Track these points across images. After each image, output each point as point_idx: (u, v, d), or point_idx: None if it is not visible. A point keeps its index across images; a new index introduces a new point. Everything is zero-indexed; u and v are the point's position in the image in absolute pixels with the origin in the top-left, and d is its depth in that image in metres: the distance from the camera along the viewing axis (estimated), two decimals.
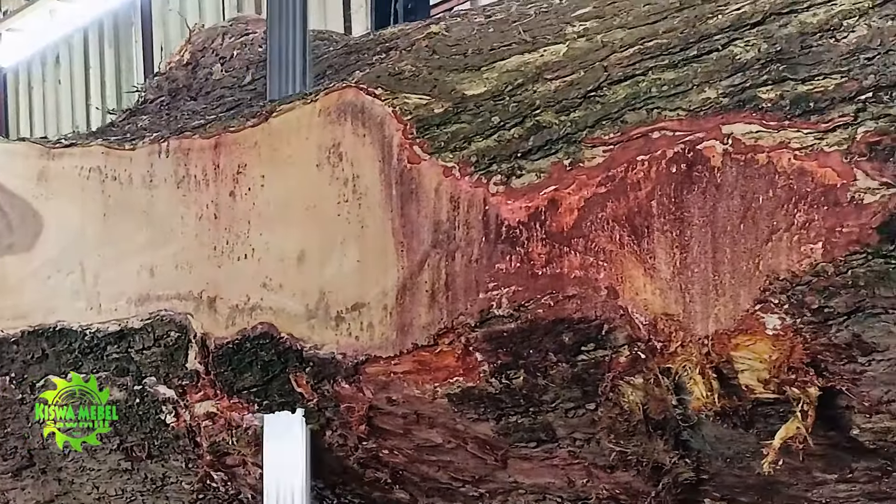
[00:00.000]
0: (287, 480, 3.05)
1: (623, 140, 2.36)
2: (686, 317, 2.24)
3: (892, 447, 2.10)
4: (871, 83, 2.03)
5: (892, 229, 1.96)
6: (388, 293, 2.76)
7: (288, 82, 3.33)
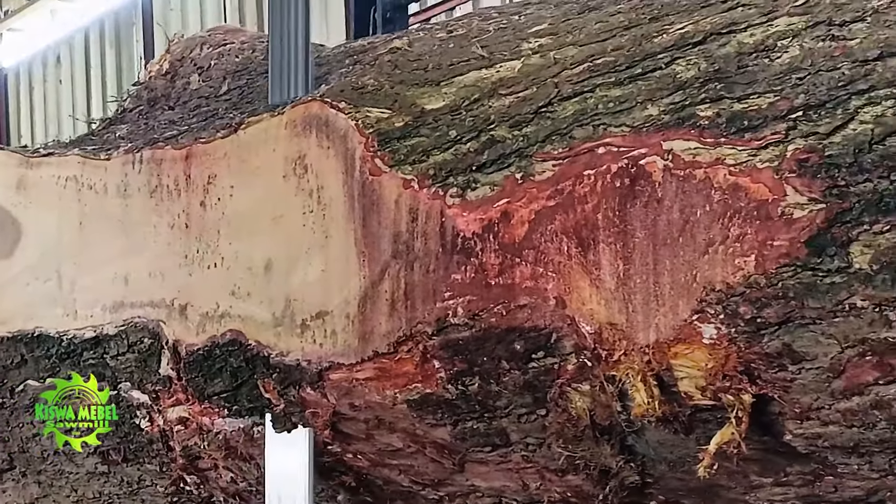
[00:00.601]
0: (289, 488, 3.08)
1: (571, 155, 2.44)
2: (629, 326, 2.32)
3: (823, 452, 2.18)
4: (802, 102, 2.11)
5: (819, 243, 2.04)
6: (350, 302, 2.84)
7: (290, 85, 3.31)
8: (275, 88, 3.29)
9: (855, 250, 2.01)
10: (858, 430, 2.10)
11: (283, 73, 3.27)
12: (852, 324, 2.03)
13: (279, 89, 3.29)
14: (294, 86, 3.26)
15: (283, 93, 3.27)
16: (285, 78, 3.27)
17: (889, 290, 1.97)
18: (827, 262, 2.03)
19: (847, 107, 2.05)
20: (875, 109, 2.02)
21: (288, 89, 3.26)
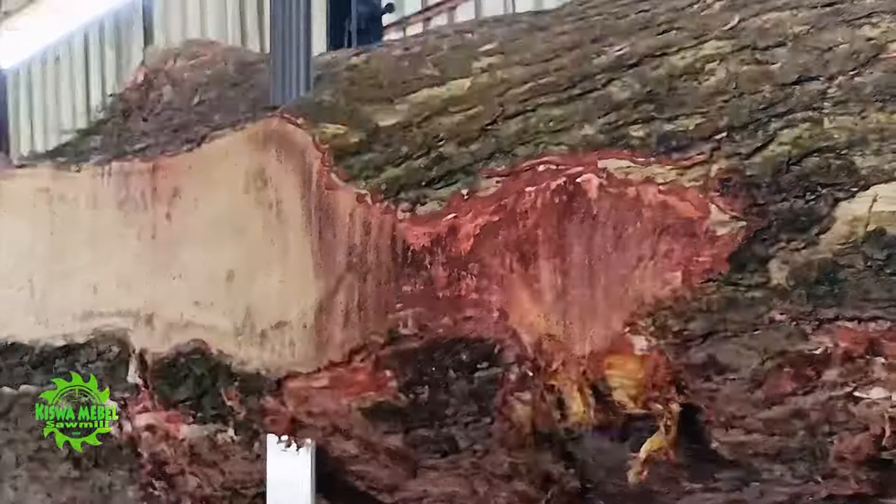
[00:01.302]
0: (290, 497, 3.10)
1: (513, 172, 2.53)
2: (566, 338, 2.41)
3: (748, 459, 2.27)
4: (726, 124, 2.20)
5: (740, 259, 2.13)
6: (307, 312, 2.93)
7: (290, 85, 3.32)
8: (276, 88, 3.31)
9: (773, 266, 2.10)
10: (779, 438, 2.19)
11: (284, 74, 3.29)
12: (771, 337, 2.11)
13: (280, 89, 3.30)
14: (295, 86, 3.27)
15: (284, 93, 3.29)
16: (287, 78, 3.29)
17: (804, 305, 2.06)
18: (747, 277, 2.12)
19: (767, 129, 2.14)
20: (793, 132, 2.11)
21: (289, 89, 3.27)
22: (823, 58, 2.14)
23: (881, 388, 2.04)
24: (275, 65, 3.34)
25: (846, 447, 2.08)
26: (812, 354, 2.08)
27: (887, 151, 1.99)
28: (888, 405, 2.03)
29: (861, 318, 2.01)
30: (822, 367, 2.08)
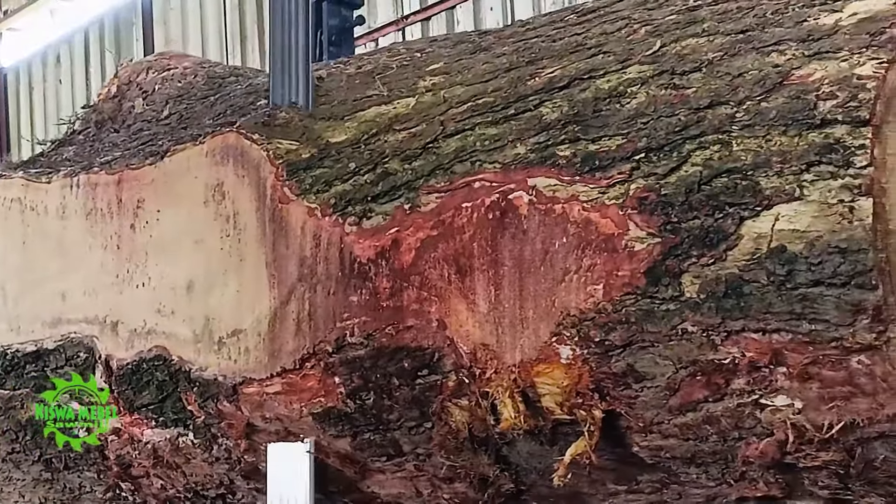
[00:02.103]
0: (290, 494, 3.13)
1: (451, 188, 2.65)
2: (498, 347, 2.53)
3: (667, 462, 2.39)
4: (644, 145, 2.32)
5: (656, 274, 2.25)
6: (261, 321, 3.05)
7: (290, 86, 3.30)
8: (276, 89, 3.31)
9: (686, 280, 2.22)
10: (694, 442, 2.31)
11: (284, 75, 3.29)
12: (684, 347, 2.24)
13: (280, 90, 3.30)
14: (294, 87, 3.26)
15: (283, 94, 3.28)
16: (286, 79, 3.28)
17: (714, 317, 2.18)
18: (662, 290, 2.24)
19: (681, 150, 2.26)
20: (705, 153, 2.23)
21: (288, 90, 3.27)
22: (734, 83, 2.26)
23: (784, 395, 2.16)
24: (274, 67, 3.35)
25: (752, 451, 2.20)
26: (721, 363, 2.20)
27: (788, 173, 2.11)
28: (791, 412, 2.16)
29: (765, 329, 2.14)
30: (731, 375, 2.20)
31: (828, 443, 2.12)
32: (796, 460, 2.18)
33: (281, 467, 3.12)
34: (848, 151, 2.05)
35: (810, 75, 2.16)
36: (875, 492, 2.16)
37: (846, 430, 2.10)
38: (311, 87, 3.22)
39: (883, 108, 2.05)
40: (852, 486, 2.17)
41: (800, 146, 2.11)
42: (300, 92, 3.22)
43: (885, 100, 2.05)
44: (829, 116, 2.09)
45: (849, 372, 2.07)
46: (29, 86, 19.08)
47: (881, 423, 2.07)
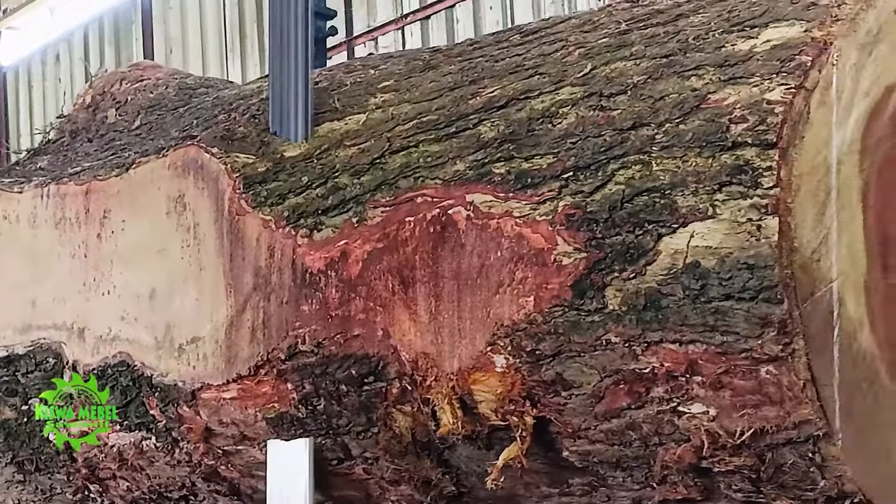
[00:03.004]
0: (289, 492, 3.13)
1: (395, 203, 2.76)
2: (438, 356, 2.64)
3: (595, 466, 2.50)
4: (572, 164, 2.44)
5: (582, 287, 2.37)
6: (218, 329, 3.16)
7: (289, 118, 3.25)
8: (275, 117, 3.28)
9: (609, 293, 2.33)
10: (618, 447, 2.42)
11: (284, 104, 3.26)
12: (608, 357, 2.35)
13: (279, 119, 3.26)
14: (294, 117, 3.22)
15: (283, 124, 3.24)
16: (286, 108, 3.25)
17: (635, 329, 2.30)
18: (587, 303, 2.36)
19: (606, 169, 2.38)
20: (627, 172, 2.35)
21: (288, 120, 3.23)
22: (655, 106, 2.37)
23: (700, 403, 2.27)
24: (273, 95, 3.31)
25: (670, 456, 2.32)
26: (642, 373, 2.32)
27: (702, 193, 2.22)
28: (706, 419, 2.27)
29: (681, 340, 2.25)
30: (651, 384, 2.32)
31: (740, 448, 2.24)
32: (712, 465, 2.30)
33: (280, 463, 3.15)
34: (756, 172, 2.17)
35: (725, 99, 2.27)
36: (785, 495, 2.27)
37: (756, 436, 2.22)
38: (310, 116, 3.19)
39: (790, 131, 2.17)
40: (764, 489, 2.28)
41: (713, 167, 2.23)
42: (300, 122, 3.20)
43: (791, 124, 2.17)
44: (740, 139, 2.20)
45: (758, 381, 2.19)
46: (28, 84, 19.16)
47: (788, 429, 2.19)
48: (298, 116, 3.20)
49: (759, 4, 2.43)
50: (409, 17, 13.15)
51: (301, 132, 3.17)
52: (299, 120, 3.19)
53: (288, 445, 3.09)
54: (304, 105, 3.19)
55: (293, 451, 3.08)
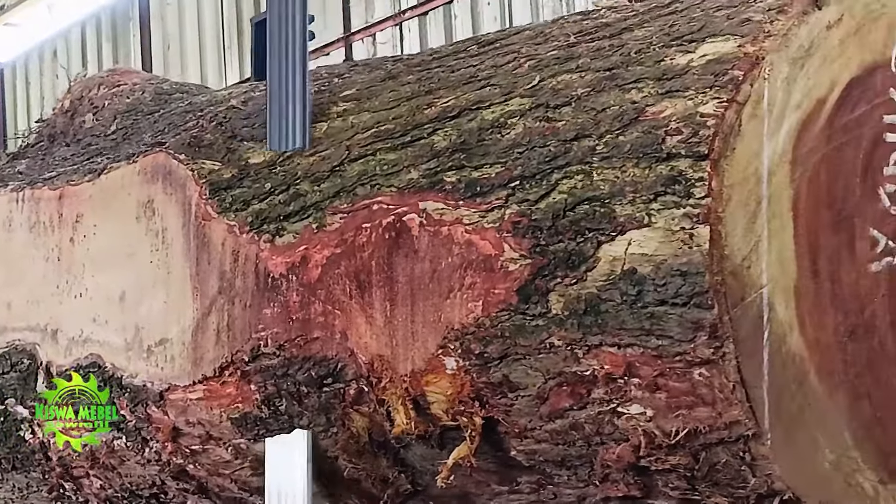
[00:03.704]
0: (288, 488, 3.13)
1: (353, 210, 2.85)
2: (392, 358, 2.73)
3: (542, 465, 2.59)
4: (519, 173, 2.52)
5: (527, 292, 2.45)
6: (185, 331, 3.24)
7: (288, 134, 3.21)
8: (273, 135, 3.23)
9: (552, 299, 2.42)
10: (563, 447, 2.51)
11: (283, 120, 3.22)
12: (552, 359, 2.44)
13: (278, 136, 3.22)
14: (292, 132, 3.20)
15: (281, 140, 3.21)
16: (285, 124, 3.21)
17: (576, 332, 2.38)
18: (532, 308, 2.44)
19: (550, 179, 2.46)
20: (570, 182, 2.43)
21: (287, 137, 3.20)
22: (597, 118, 2.45)
23: (637, 404, 2.36)
24: (272, 111, 3.25)
25: (610, 456, 2.40)
26: (583, 375, 2.41)
27: (639, 202, 2.31)
28: (643, 419, 2.36)
29: (620, 344, 2.34)
30: (591, 386, 2.40)
31: (675, 448, 2.33)
32: (649, 464, 2.38)
33: (279, 459, 3.18)
34: (689, 183, 2.25)
35: (662, 112, 2.36)
36: (719, 493, 2.36)
37: (691, 436, 2.30)
38: (308, 129, 3.17)
39: (721, 143, 2.25)
40: (699, 487, 2.37)
41: (649, 177, 2.31)
42: (297, 128, 3.18)
43: (723, 136, 2.25)
44: (675, 151, 2.29)
45: (692, 383, 2.27)
46: (26, 80, 19.21)
47: (720, 429, 2.27)
48: (297, 123, 3.20)
49: (698, 19, 2.51)
50: (406, 13, 13.22)
51: (300, 139, 3.17)
52: (297, 126, 3.19)
53: (286, 439, 3.09)
54: (302, 111, 3.20)
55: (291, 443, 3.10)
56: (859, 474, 2.36)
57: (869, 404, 2.40)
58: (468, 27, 12.81)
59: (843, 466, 2.35)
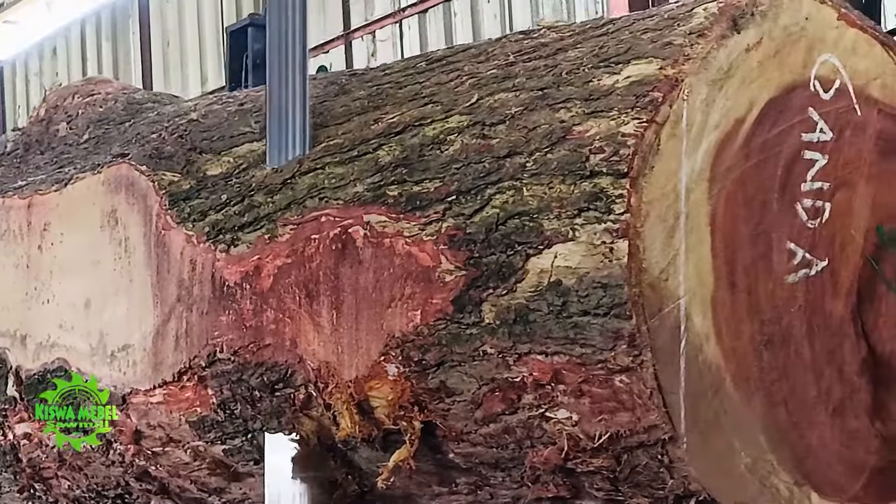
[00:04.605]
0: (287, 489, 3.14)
1: (303, 221, 2.96)
2: (338, 364, 2.84)
3: (478, 466, 2.71)
4: (456, 188, 2.64)
5: (462, 302, 2.57)
6: (146, 337, 3.36)
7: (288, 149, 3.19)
8: (273, 153, 3.21)
9: (485, 308, 2.53)
10: (496, 450, 2.63)
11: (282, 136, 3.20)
12: (485, 366, 2.55)
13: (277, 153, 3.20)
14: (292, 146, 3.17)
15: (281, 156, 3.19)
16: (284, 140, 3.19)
17: (507, 341, 2.50)
18: (466, 317, 2.56)
19: (484, 194, 2.58)
20: (502, 197, 2.55)
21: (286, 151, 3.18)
22: (528, 136, 2.57)
23: (564, 409, 2.48)
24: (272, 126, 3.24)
25: (538, 458, 2.52)
26: (514, 381, 2.52)
27: (565, 217, 2.43)
28: (569, 424, 2.48)
29: (547, 352, 2.45)
30: (522, 391, 2.52)
31: (599, 451, 2.45)
32: (575, 466, 2.50)
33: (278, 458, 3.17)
34: (610, 200, 2.37)
35: (587, 131, 2.47)
36: (640, 493, 2.48)
37: (613, 439, 2.42)
38: (308, 137, 3.16)
39: (640, 162, 2.37)
40: (622, 488, 2.49)
41: (574, 194, 2.43)
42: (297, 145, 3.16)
43: (642, 155, 2.37)
44: (597, 168, 2.41)
45: (613, 390, 2.39)
46: (26, 78, 19.32)
47: (640, 433, 2.39)
48: (297, 131, 3.18)
49: (625, 41, 2.63)
50: (406, 10, 13.33)
51: (300, 147, 3.15)
52: (297, 134, 3.18)
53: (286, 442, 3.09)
54: (302, 119, 3.19)
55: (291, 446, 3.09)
56: (774, 476, 2.48)
57: (785, 410, 2.52)
58: (467, 24, 12.94)
59: (758, 469, 2.47)
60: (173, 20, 16.72)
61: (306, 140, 3.16)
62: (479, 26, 12.96)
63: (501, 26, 12.66)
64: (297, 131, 3.18)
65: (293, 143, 3.17)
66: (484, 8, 12.96)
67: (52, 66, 18.71)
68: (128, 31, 17.53)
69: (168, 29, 16.80)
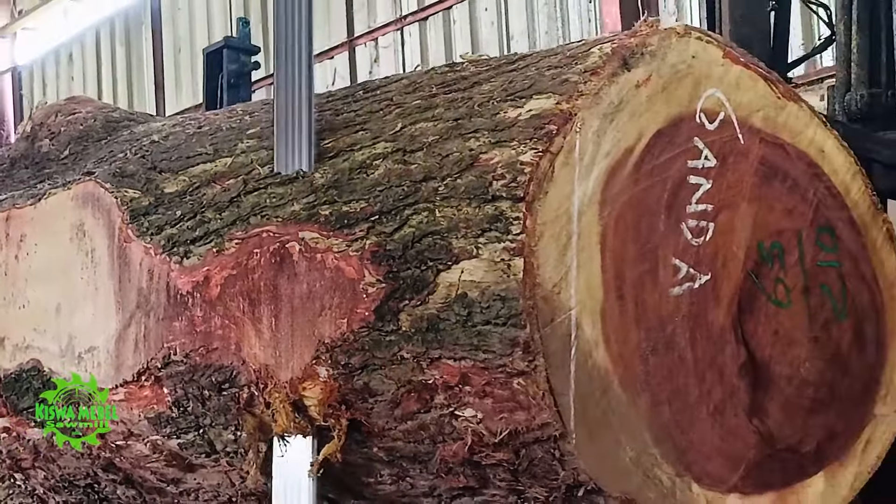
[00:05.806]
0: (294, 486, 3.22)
1: (247, 237, 3.25)
2: (276, 366, 3.13)
3: (398, 460, 3.00)
4: (378, 209, 2.92)
5: (382, 312, 2.85)
6: (110, 340, 3.65)
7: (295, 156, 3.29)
8: (280, 158, 3.33)
9: (402, 318, 2.82)
10: (414, 444, 2.92)
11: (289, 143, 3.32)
12: (402, 370, 2.84)
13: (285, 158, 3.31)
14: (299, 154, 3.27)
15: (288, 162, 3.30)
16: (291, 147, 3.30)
17: (421, 347, 2.78)
18: (386, 325, 2.85)
19: (402, 215, 2.86)
20: (418, 218, 2.83)
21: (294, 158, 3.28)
22: (442, 162, 2.85)
23: (470, 408, 2.77)
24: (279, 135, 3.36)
25: (447, 452, 2.81)
26: (427, 383, 2.81)
27: (470, 236, 2.71)
28: (475, 421, 2.77)
29: (455, 357, 2.74)
30: (434, 392, 2.81)
31: (500, 445, 2.73)
32: (481, 459, 2.79)
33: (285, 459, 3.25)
34: (508, 221, 2.65)
35: (491, 159, 2.76)
36: (538, 483, 2.76)
37: (512, 435, 2.71)
38: (312, 153, 3.27)
39: (535, 188, 2.65)
40: (521, 479, 2.77)
41: (479, 215, 2.71)
42: (303, 159, 3.27)
43: (537, 181, 2.65)
44: (498, 193, 2.69)
45: (511, 391, 2.68)
46: (42, 83, 19.63)
47: (535, 430, 2.68)
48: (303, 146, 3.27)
49: (531, 77, 2.91)
50: (407, 18, 13.60)
51: (306, 162, 3.26)
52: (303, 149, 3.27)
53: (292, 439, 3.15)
54: (308, 135, 3.30)
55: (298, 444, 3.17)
56: (657, 468, 2.77)
57: (669, 409, 2.80)
58: (466, 32, 13.23)
59: (643, 462, 2.75)
60: (184, 27, 17.03)
61: (311, 147, 3.27)
62: (477, 33, 13.26)
63: (498, 33, 12.98)
64: (304, 139, 3.30)
65: (299, 149, 3.29)
66: (482, 16, 13.24)
67: (69, 71, 19.00)
68: (140, 36, 17.85)
69: (179, 35, 17.12)
